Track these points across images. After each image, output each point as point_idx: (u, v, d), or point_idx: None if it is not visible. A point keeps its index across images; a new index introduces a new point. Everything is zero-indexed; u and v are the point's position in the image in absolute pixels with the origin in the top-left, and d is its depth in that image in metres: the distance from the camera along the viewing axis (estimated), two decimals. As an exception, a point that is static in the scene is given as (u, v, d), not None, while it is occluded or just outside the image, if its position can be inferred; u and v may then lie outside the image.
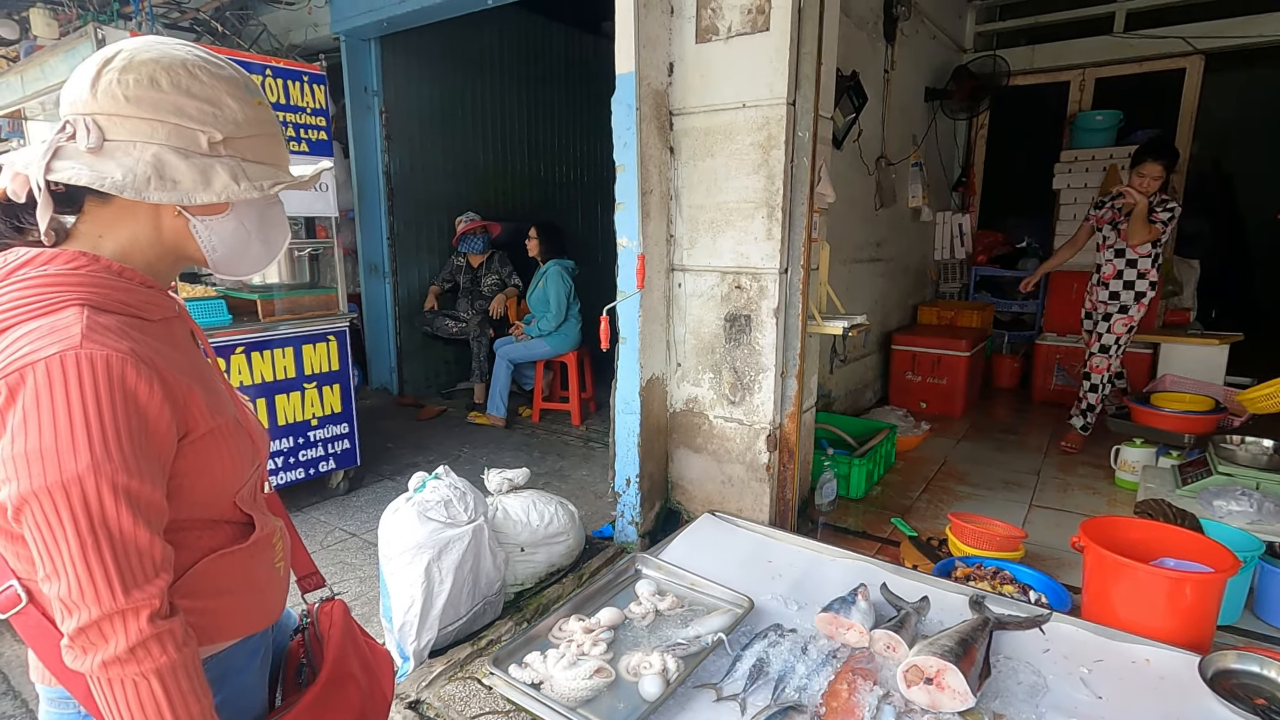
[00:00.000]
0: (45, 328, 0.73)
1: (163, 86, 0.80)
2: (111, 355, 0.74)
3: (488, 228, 5.00)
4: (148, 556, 0.76)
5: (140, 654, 0.74)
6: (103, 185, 0.77)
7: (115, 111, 0.79)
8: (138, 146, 0.79)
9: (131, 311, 0.82)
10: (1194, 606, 1.93)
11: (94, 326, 0.75)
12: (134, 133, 0.79)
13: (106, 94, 0.79)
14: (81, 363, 0.72)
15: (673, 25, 2.67)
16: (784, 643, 1.95)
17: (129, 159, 0.78)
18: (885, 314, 5.07)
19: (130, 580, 0.74)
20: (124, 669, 0.74)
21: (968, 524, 2.64)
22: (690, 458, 2.94)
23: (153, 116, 0.80)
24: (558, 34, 6.14)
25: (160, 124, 0.80)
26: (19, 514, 0.72)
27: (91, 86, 0.79)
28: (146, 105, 0.79)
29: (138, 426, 0.76)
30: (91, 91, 0.79)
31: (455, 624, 2.17)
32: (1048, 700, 1.75)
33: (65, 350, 0.72)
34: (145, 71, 0.79)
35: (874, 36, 4.20)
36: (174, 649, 0.77)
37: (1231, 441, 3.11)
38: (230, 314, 3.01)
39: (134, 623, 0.74)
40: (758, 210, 2.59)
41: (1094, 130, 5.39)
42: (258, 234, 0.92)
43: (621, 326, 2.75)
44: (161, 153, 0.80)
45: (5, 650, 2.45)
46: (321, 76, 3.17)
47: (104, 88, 0.79)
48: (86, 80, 0.79)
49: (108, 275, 0.81)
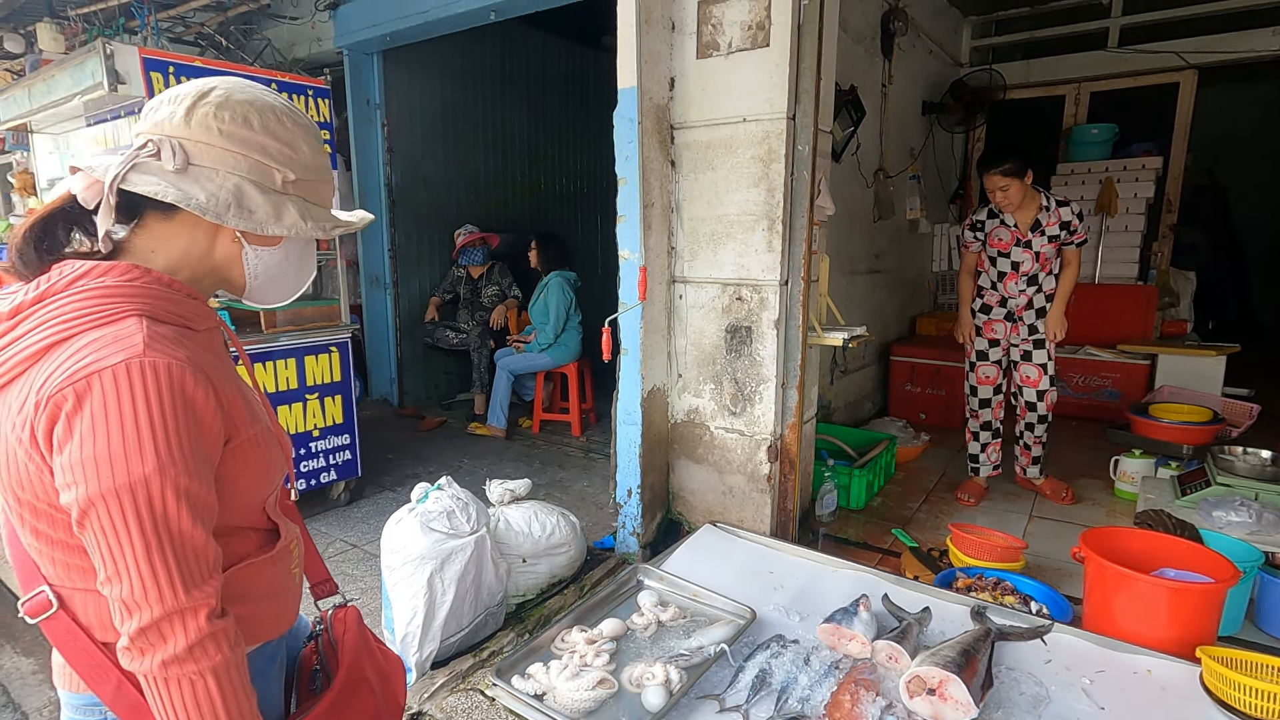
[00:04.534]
0: (109, 337, 0.77)
1: (253, 126, 0.87)
2: (172, 363, 0.78)
3: (487, 239, 5.02)
4: (204, 557, 0.79)
5: (198, 653, 0.77)
6: (187, 204, 0.82)
7: (206, 141, 0.85)
8: (220, 175, 0.85)
9: (182, 322, 0.86)
10: (1194, 617, 1.94)
11: (154, 336, 0.79)
12: (219, 162, 0.86)
13: (201, 124, 0.85)
14: (145, 370, 0.76)
15: (674, 41, 2.70)
16: (786, 654, 1.95)
17: (212, 185, 0.84)
18: (884, 325, 5.09)
19: (190, 580, 0.77)
20: (182, 668, 0.76)
21: (968, 535, 2.65)
22: (691, 468, 2.95)
23: (240, 151, 0.86)
24: (558, 48, 6.20)
25: (244, 158, 0.87)
26: (85, 516, 0.74)
27: (186, 114, 0.85)
28: (236, 140, 0.86)
29: (195, 431, 0.79)
30: (185, 119, 0.85)
31: (457, 635, 2.17)
32: (1050, 711, 1.76)
33: (130, 358, 0.75)
34: (240, 110, 0.86)
35: (872, 51, 4.25)
36: (228, 648, 0.80)
37: (1230, 452, 3.12)
38: (233, 326, 3.02)
39: (193, 622, 0.77)
40: (758, 223, 2.62)
41: (1089, 144, 5.44)
42: (294, 268, 0.98)
43: (623, 338, 2.77)
44: (242, 184, 0.86)
45: (5, 662, 2.44)
46: (325, 90, 3.21)
47: (199, 118, 0.85)
48: (181, 107, 0.85)
49: (160, 287, 0.84)
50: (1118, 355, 4.80)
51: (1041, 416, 3.37)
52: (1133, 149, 5.34)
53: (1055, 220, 3.17)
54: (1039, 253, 3.21)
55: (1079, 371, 4.92)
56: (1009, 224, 3.23)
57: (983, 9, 5.75)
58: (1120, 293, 5.15)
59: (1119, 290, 5.17)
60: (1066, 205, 3.19)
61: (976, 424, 3.47)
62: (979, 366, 3.42)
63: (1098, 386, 4.87)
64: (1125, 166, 5.24)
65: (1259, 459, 3.05)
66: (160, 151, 0.83)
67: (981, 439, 3.46)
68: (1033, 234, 3.20)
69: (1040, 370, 3.32)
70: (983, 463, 3.47)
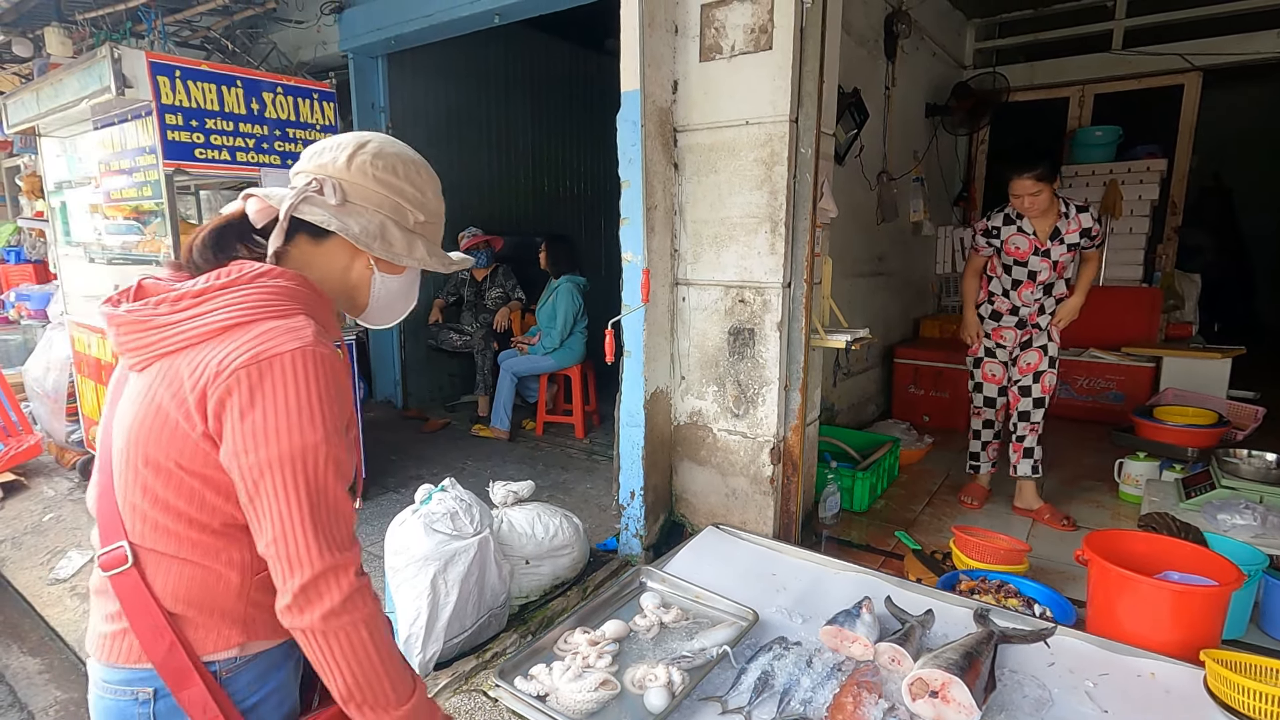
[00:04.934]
0: (284, 327, 0.91)
1: (398, 174, 1.06)
2: (333, 355, 0.94)
3: (490, 242, 5.04)
4: (350, 521, 0.94)
5: (351, 605, 0.90)
6: (344, 233, 1.00)
7: (362, 183, 1.03)
8: (369, 211, 1.04)
9: (326, 326, 1.00)
10: (1198, 620, 1.94)
11: (318, 331, 0.94)
12: (369, 201, 1.04)
13: (359, 169, 1.03)
14: (315, 358, 0.91)
15: (677, 44, 2.71)
16: (789, 656, 1.96)
17: (364, 219, 1.02)
18: (888, 328, 5.09)
19: (341, 541, 0.91)
20: (339, 620, 0.89)
21: (972, 537, 2.65)
22: (694, 470, 2.95)
23: (386, 194, 1.05)
24: (562, 51, 6.22)
25: (389, 200, 1.05)
26: (261, 478, 0.87)
27: (347, 161, 1.03)
28: (384, 185, 1.04)
29: (342, 414, 0.94)
30: (346, 164, 1.03)
31: (461, 636, 2.17)
32: (1053, 714, 1.75)
33: (304, 347, 0.90)
34: (390, 161, 1.05)
35: (875, 54, 4.25)
36: (372, 601, 0.93)
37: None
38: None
39: (345, 578, 0.90)
40: (761, 225, 2.62)
41: (1094, 146, 5.43)
42: (405, 295, 1.16)
43: (626, 340, 2.77)
44: (385, 221, 1.05)
45: (12, 662, 2.46)
46: (331, 93, 3.23)
47: (357, 164, 1.03)
48: (343, 154, 1.03)
49: (315, 296, 1.00)
50: (1122, 358, 4.79)
51: (1038, 400, 3.21)
52: (1137, 151, 5.33)
53: (1076, 228, 3.03)
54: (1057, 261, 3.08)
55: (1083, 374, 4.90)
56: (1028, 231, 3.07)
57: (986, 11, 5.75)
58: (1125, 295, 5.14)
59: (1124, 292, 5.16)
60: (1086, 211, 3.05)
61: (979, 421, 3.42)
62: (985, 363, 3.34)
63: (1102, 389, 4.86)
64: (1130, 169, 5.23)
65: (1264, 462, 3.04)
66: (324, 189, 1.00)
67: (984, 437, 3.42)
68: (1052, 242, 3.05)
69: (1040, 353, 3.19)
70: (983, 461, 3.44)
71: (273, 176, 3.01)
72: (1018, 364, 3.28)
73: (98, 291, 3.76)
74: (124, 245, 3.33)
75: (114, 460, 0.95)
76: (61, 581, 2.90)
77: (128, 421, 0.94)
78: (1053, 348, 3.22)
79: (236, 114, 2.88)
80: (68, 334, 3.95)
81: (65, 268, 3.92)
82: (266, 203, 1.00)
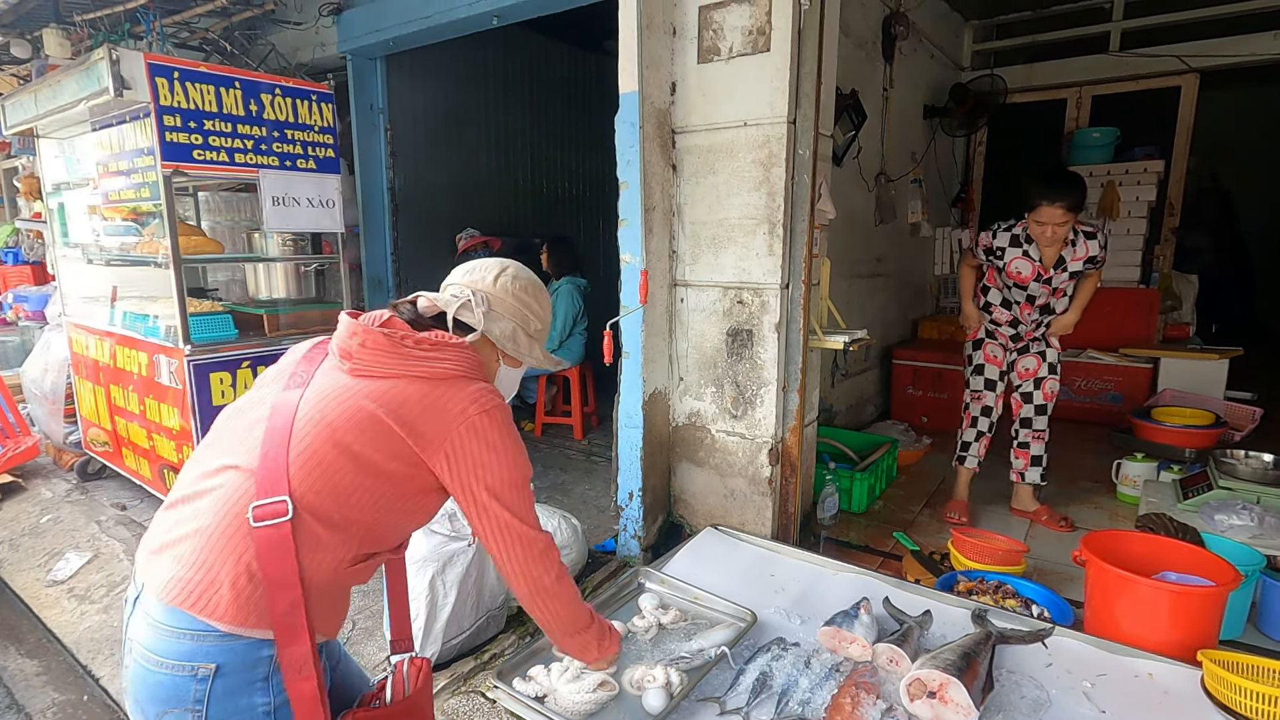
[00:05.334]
0: (487, 388, 1.25)
1: (530, 292, 1.40)
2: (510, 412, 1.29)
3: (488, 243, 5.04)
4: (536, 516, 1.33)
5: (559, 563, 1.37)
6: (489, 334, 1.34)
7: (503, 298, 1.36)
8: (505, 319, 1.36)
9: None
10: (1196, 621, 1.94)
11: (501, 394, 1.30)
12: (506, 311, 1.36)
13: (502, 287, 1.36)
14: (507, 413, 1.27)
15: (675, 46, 2.72)
16: (787, 656, 1.96)
17: (503, 324, 1.36)
18: (886, 329, 5.09)
19: (540, 526, 1.32)
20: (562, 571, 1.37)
21: (970, 538, 2.65)
22: (693, 472, 2.96)
23: (519, 307, 1.38)
24: (561, 53, 6.22)
25: (519, 312, 1.38)
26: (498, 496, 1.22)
27: (494, 280, 1.36)
28: (518, 300, 1.37)
29: None
30: (493, 283, 1.36)
31: (459, 637, 2.17)
32: (1050, 714, 1.75)
33: (503, 404, 1.26)
34: (523, 283, 1.39)
35: (873, 55, 4.26)
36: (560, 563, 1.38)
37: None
38: (236, 329, 3.03)
39: (550, 545, 1.35)
40: (759, 226, 2.63)
41: (1091, 147, 5.44)
42: (514, 382, 1.48)
43: (625, 341, 2.77)
44: (516, 328, 1.37)
45: (9, 664, 2.46)
46: (329, 95, 3.23)
47: (501, 283, 1.36)
48: (490, 275, 1.36)
49: (482, 369, 1.30)
50: (1120, 359, 4.80)
51: (1040, 407, 3.14)
52: (1134, 152, 5.34)
53: (1083, 254, 2.92)
54: (1056, 288, 3.01)
55: (1081, 375, 4.91)
56: (1033, 257, 2.95)
57: (984, 13, 5.76)
58: (1123, 296, 5.15)
59: (1121, 294, 5.17)
60: (1094, 238, 2.93)
61: (978, 407, 3.22)
62: (986, 344, 3.19)
63: (1100, 390, 4.87)
64: (1127, 170, 5.24)
65: (1261, 462, 3.05)
66: (474, 300, 1.32)
67: (980, 425, 3.24)
68: (1055, 270, 2.95)
69: (1039, 359, 3.13)
70: (971, 454, 3.27)
71: (271, 178, 3.01)
72: (1016, 369, 3.23)
73: (96, 293, 3.76)
74: (122, 246, 3.33)
75: (296, 429, 1.11)
76: (59, 583, 2.90)
77: (327, 408, 1.13)
78: (1052, 354, 3.15)
79: (235, 115, 2.88)
80: (65, 335, 3.95)
81: (63, 269, 3.92)
82: (433, 303, 1.34)
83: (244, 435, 1.14)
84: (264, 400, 1.18)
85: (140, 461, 3.40)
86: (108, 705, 2.21)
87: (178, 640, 1.02)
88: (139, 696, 1.06)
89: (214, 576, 1.03)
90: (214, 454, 1.15)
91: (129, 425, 3.42)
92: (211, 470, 1.12)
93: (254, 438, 1.11)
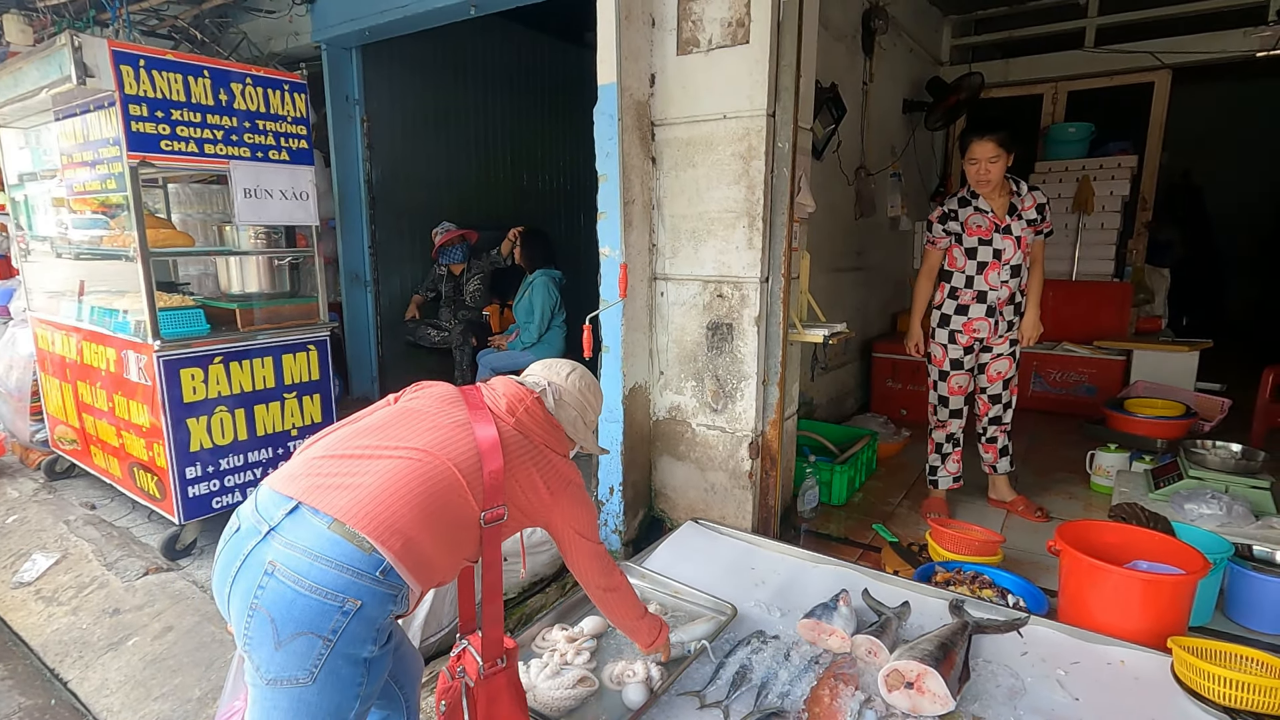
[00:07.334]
0: (570, 462, 1.60)
1: (592, 390, 1.69)
2: None
3: (465, 236, 4.99)
4: None
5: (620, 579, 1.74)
6: (559, 419, 1.59)
7: (571, 391, 1.63)
8: (571, 409, 1.62)
9: None
10: (1166, 608, 1.97)
11: None
12: (573, 403, 1.63)
13: (571, 383, 1.64)
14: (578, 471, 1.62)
15: (654, 37, 2.70)
16: (767, 649, 1.96)
17: (569, 413, 1.62)
18: (866, 322, 5.12)
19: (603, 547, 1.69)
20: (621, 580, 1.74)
21: (947, 530, 2.67)
22: (673, 466, 2.95)
23: (583, 401, 1.65)
24: (540, 44, 6.16)
25: (582, 405, 1.65)
26: (582, 533, 1.60)
27: (565, 377, 1.64)
28: (582, 395, 1.65)
29: None
30: (565, 379, 1.64)
31: (437, 635, 2.16)
32: (1026, 702, 1.78)
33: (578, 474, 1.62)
34: (587, 382, 1.68)
35: (852, 49, 4.26)
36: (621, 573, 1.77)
37: (1202, 446, 3.18)
38: (208, 324, 2.97)
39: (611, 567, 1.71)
40: (739, 220, 2.62)
41: (1066, 142, 5.50)
42: None
43: (604, 335, 2.76)
44: (577, 418, 1.63)
45: None
46: (302, 85, 3.16)
47: (571, 380, 1.64)
48: (563, 372, 1.66)
49: None
50: (1094, 351, 4.87)
51: (1006, 404, 3.23)
52: (1109, 147, 5.41)
53: (1031, 204, 3.05)
54: (1019, 238, 3.06)
55: (1056, 367, 4.98)
56: (985, 209, 3.05)
57: (963, 8, 5.79)
58: (1096, 289, 5.23)
59: (1095, 287, 5.25)
60: (1036, 189, 3.10)
61: (943, 434, 3.31)
62: (952, 376, 3.24)
63: (1074, 382, 4.94)
64: (1101, 165, 5.31)
65: (1229, 452, 3.11)
66: (547, 391, 1.58)
67: (944, 450, 3.32)
68: (1010, 218, 3.04)
69: (1010, 360, 3.19)
70: (941, 475, 3.34)
71: (242, 169, 2.94)
72: (987, 371, 3.22)
73: (62, 287, 3.66)
74: (91, 240, 3.24)
75: None
76: (26, 585, 2.83)
77: None
78: (1017, 351, 3.21)
79: (204, 105, 2.81)
80: (31, 331, 3.84)
81: (28, 263, 3.81)
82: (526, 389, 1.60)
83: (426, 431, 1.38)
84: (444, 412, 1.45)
85: (110, 460, 3.33)
86: (75, 709, 2.16)
87: (337, 573, 1.14)
88: (276, 614, 1.13)
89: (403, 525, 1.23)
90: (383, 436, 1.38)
91: (98, 423, 3.34)
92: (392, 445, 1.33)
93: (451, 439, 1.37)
